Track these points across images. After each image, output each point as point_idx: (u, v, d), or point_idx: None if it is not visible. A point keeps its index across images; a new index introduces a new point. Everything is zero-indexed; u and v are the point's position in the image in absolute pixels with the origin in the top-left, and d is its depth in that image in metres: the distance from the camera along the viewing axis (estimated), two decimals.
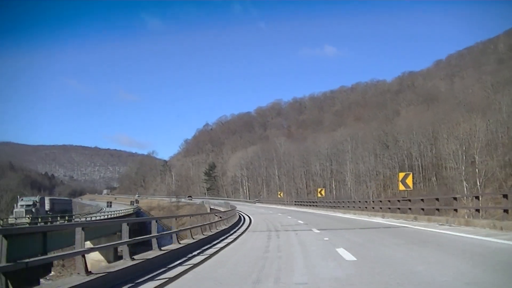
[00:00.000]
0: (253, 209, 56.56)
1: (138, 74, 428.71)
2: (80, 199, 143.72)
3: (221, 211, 34.05)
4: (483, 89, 79.63)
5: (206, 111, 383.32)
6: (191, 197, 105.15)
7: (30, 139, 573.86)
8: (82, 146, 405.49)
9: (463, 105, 74.80)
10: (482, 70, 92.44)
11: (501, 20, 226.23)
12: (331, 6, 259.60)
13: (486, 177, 54.88)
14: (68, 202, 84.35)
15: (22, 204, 56.87)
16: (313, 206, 50.09)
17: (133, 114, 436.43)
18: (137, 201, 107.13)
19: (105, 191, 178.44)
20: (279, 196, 74.78)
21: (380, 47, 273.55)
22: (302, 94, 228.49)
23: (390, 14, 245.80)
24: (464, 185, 55.73)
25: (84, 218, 48.03)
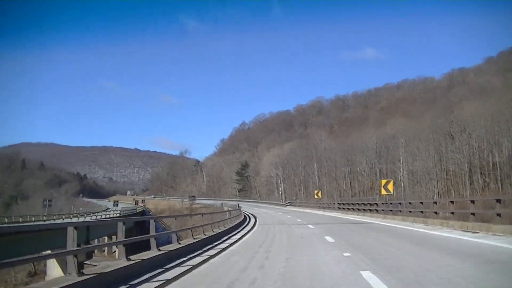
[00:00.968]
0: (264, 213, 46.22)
1: (177, 76, 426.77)
2: (108, 200, 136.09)
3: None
4: None
5: (244, 109, 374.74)
6: (194, 197, 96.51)
7: (71, 141, 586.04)
8: (122, 147, 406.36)
9: None
10: None
11: None
12: (371, 7, 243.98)
13: None
14: None
15: None
16: (367, 211, 32.68)
17: (172, 116, 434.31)
18: (143, 201, 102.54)
19: (128, 193, 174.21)
20: (316, 196, 57.94)
21: (424, 46, 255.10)
22: (344, 92, 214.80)
23: (435, 14, 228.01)
24: None
25: (77, 218, 45.74)
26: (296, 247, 12.52)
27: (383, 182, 32.07)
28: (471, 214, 15.82)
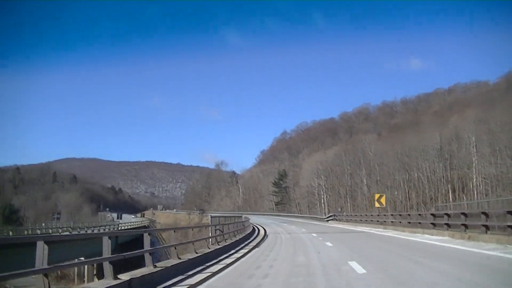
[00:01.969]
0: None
1: (218, 90, 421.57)
2: (134, 215, 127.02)
3: None
4: None
5: (285, 119, 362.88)
6: (203, 210, 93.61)
7: (114, 156, 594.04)
8: (164, 162, 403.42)
9: None
10: None
11: None
12: (413, 18, 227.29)
13: None
14: None
15: None
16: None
17: (214, 130, 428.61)
18: (153, 214, 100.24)
19: (159, 207, 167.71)
20: (377, 204, 36.78)
21: (472, 51, 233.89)
22: (392, 98, 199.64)
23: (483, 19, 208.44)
24: None
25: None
26: None
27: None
28: None
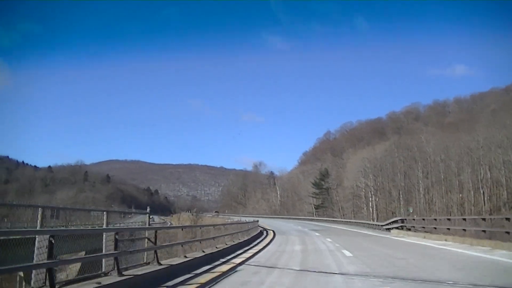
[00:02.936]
0: None
1: (260, 93, 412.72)
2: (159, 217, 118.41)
3: None
4: None
5: (329, 120, 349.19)
6: (218, 212, 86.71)
7: (157, 158, 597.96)
8: (207, 165, 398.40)
9: None
10: None
11: None
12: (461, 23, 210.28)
13: None
14: None
15: None
16: None
17: (256, 134, 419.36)
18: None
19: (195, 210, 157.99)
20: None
21: None
22: (444, 97, 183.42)
23: None
24: None
25: None
26: None
27: None
28: None
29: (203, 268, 11.77)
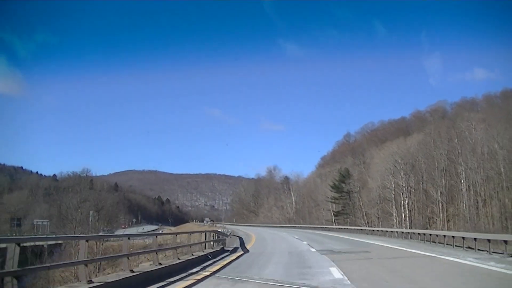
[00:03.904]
0: None
1: (279, 102, 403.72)
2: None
3: None
4: None
5: (348, 123, 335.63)
6: (213, 221, 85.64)
7: (175, 168, 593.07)
8: (225, 175, 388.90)
9: None
10: None
11: None
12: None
13: None
14: None
15: None
16: None
17: (274, 142, 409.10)
18: None
19: (206, 219, 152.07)
20: None
21: None
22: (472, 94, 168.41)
23: None
24: None
25: None
26: None
27: None
28: None
29: None
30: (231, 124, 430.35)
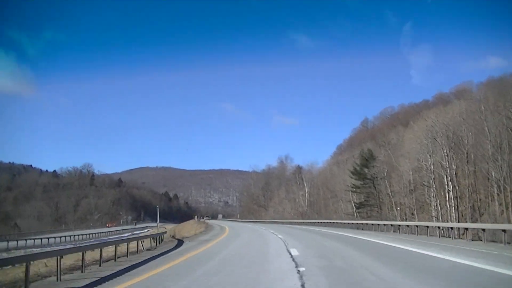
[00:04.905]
0: None
1: (291, 94, 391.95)
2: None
3: None
4: None
5: (364, 110, 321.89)
6: (209, 217, 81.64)
7: (189, 165, 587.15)
8: (239, 170, 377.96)
9: None
10: None
11: None
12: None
13: None
14: None
15: None
16: None
17: (288, 136, 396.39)
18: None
19: (220, 216, 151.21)
20: None
21: None
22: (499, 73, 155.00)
23: None
24: None
25: None
26: None
27: None
28: None
29: None
30: (243, 118, 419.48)
